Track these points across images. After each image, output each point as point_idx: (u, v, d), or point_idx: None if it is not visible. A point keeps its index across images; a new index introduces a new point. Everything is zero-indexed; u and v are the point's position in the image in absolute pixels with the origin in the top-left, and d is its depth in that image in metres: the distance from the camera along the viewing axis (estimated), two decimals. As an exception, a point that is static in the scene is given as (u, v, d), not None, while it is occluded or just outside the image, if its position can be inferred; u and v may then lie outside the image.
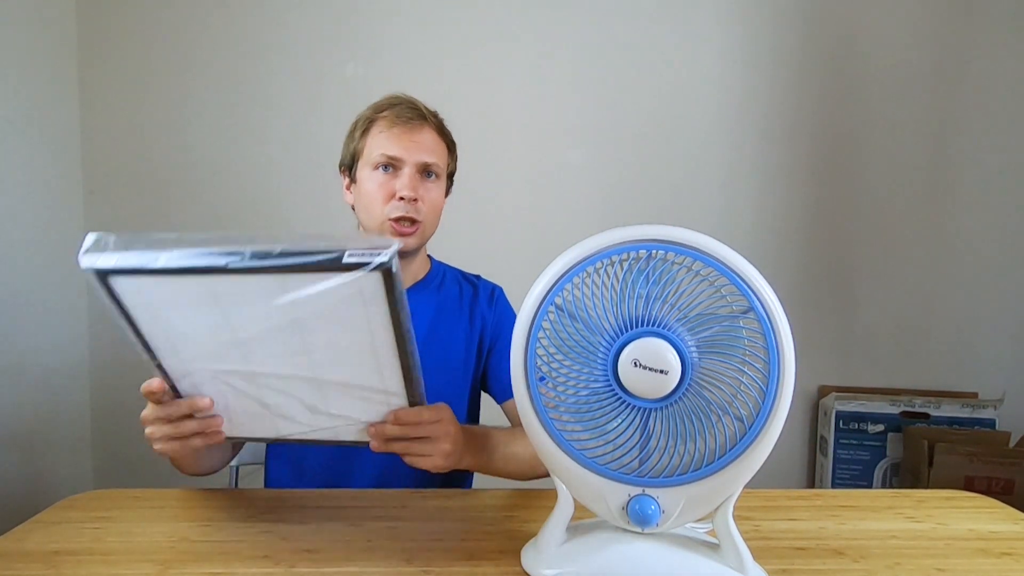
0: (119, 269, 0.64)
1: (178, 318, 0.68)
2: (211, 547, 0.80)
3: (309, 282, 0.62)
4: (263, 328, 0.67)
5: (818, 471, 2.08)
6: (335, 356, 0.70)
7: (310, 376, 0.72)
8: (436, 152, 1.03)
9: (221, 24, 1.94)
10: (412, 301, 1.07)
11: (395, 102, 1.04)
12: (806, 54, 2.04)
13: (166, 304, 0.66)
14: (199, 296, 0.65)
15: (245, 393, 0.74)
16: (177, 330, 0.69)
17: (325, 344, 0.69)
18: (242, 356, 0.70)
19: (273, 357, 0.70)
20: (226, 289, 0.64)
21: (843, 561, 0.79)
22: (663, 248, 0.66)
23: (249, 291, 0.64)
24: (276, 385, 0.73)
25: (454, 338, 1.10)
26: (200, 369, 0.73)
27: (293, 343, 0.69)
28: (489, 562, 0.77)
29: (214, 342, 0.69)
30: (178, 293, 0.65)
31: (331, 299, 0.63)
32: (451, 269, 1.16)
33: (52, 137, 1.86)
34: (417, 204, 1.00)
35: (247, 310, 0.66)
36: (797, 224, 2.07)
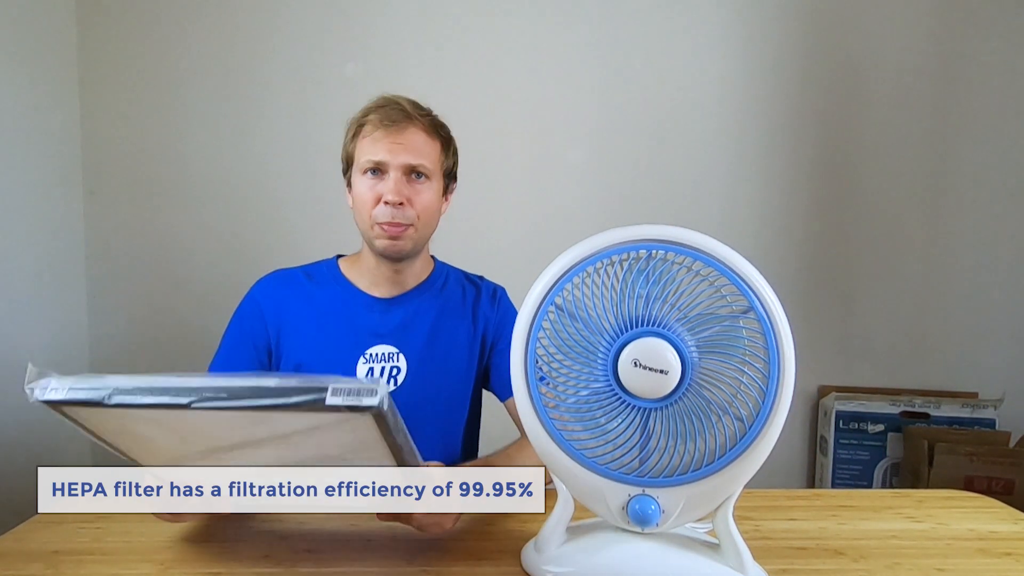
0: (73, 401, 0.59)
1: (146, 434, 0.64)
2: (211, 547, 0.80)
3: (288, 418, 0.56)
4: (247, 440, 0.64)
5: (818, 471, 2.08)
6: (327, 462, 0.69)
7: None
8: (424, 152, 1.01)
9: (221, 24, 1.94)
10: (415, 303, 1.08)
11: (381, 104, 1.02)
12: (806, 54, 2.03)
13: (132, 426, 0.63)
14: (168, 421, 0.60)
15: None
16: (149, 441, 0.66)
17: (313, 456, 0.67)
18: (227, 460, 0.69)
19: (261, 458, 0.69)
20: (196, 418, 0.58)
21: (843, 561, 0.79)
22: (663, 248, 0.66)
23: (220, 421, 0.59)
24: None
25: (457, 340, 1.09)
26: (181, 468, 0.71)
27: (278, 449, 0.66)
28: (489, 562, 0.77)
29: (190, 451, 0.67)
30: (141, 419, 0.60)
31: (315, 429, 0.59)
32: (454, 270, 1.16)
33: (52, 137, 1.86)
34: (404, 208, 0.99)
35: (221, 432, 0.63)
36: (797, 224, 2.07)
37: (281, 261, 1.17)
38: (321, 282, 1.08)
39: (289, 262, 1.14)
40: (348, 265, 1.10)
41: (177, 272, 1.95)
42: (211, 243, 1.96)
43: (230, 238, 1.96)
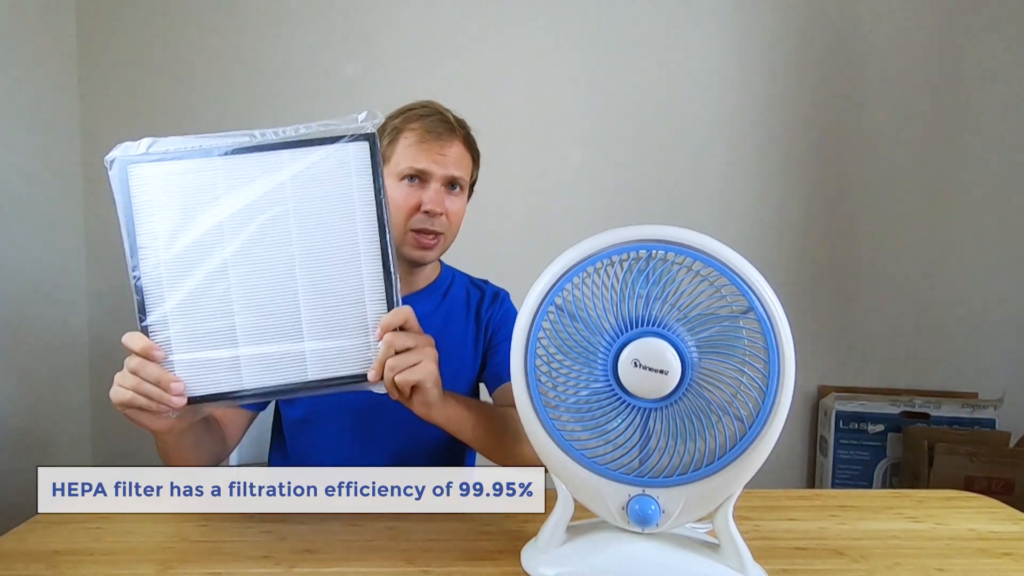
0: (143, 159, 0.74)
1: (176, 211, 0.74)
2: (211, 547, 0.80)
3: (302, 154, 0.73)
4: (250, 212, 0.73)
5: (818, 471, 2.08)
6: (316, 245, 0.74)
7: (287, 282, 0.74)
8: (462, 165, 1.03)
9: (221, 23, 1.94)
10: (421, 305, 1.06)
11: (426, 113, 1.03)
12: (806, 54, 2.04)
13: (171, 193, 0.74)
14: (201, 181, 0.73)
15: (217, 321, 0.74)
16: (169, 227, 0.74)
17: (307, 230, 0.74)
18: (222, 253, 0.74)
19: (256, 252, 0.74)
20: (227, 170, 0.73)
21: (843, 561, 0.79)
22: (663, 248, 0.66)
23: (247, 170, 0.73)
24: (252, 298, 0.74)
25: (461, 343, 1.09)
26: (178, 285, 0.74)
27: (275, 233, 0.74)
28: (489, 562, 0.77)
29: (203, 236, 0.74)
30: (185, 178, 0.73)
31: (320, 167, 0.73)
32: (460, 274, 1.16)
33: (52, 137, 1.86)
34: (441, 218, 1.00)
35: (241, 192, 0.73)
36: (797, 224, 2.07)
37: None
38: None
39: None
40: None
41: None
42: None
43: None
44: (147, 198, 0.74)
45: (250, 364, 0.75)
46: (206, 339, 0.74)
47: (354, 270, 0.75)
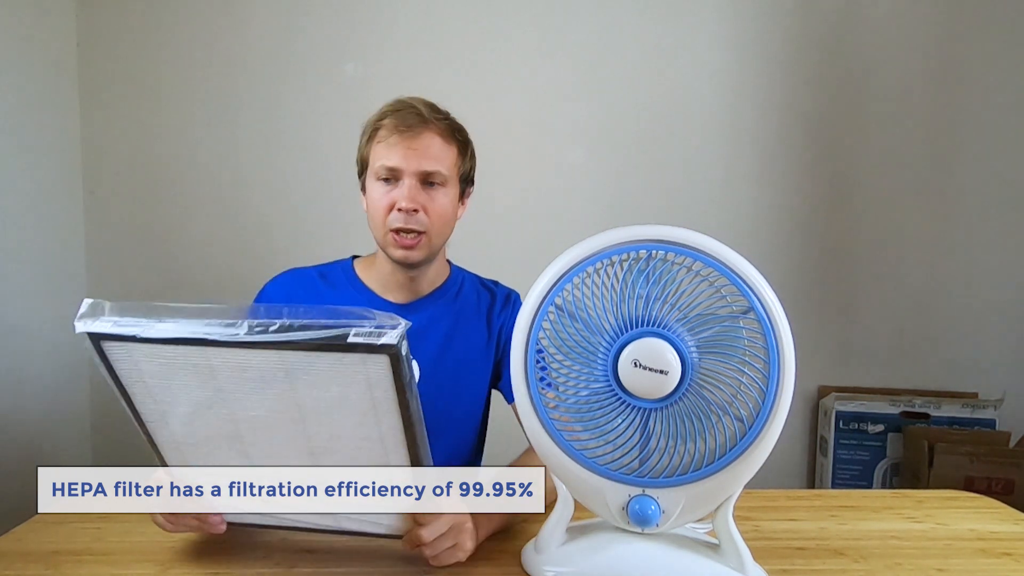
0: (113, 335, 0.61)
1: (172, 393, 0.65)
2: (211, 547, 0.80)
3: (310, 360, 0.60)
4: (261, 410, 0.65)
5: (818, 471, 2.08)
6: (336, 446, 0.68)
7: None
8: (440, 158, 0.99)
9: (221, 24, 1.94)
10: (430, 309, 1.07)
11: (397, 107, 1.00)
12: (806, 54, 2.03)
13: (160, 376, 0.64)
14: (195, 369, 0.62)
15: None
16: (170, 406, 0.67)
17: (327, 434, 0.67)
18: (238, 443, 0.68)
19: (270, 446, 0.68)
20: (223, 363, 0.61)
21: (843, 561, 0.79)
22: (663, 248, 0.66)
23: (247, 366, 0.61)
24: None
25: (471, 346, 1.08)
26: (192, 449, 0.71)
27: (292, 430, 0.66)
28: (489, 562, 0.77)
29: (208, 422, 0.67)
30: (173, 365, 0.62)
31: (333, 380, 0.61)
32: (469, 275, 1.14)
33: (52, 137, 1.86)
34: (418, 215, 0.97)
35: (244, 388, 0.63)
36: (797, 224, 2.07)
37: (282, 260, 1.16)
38: (335, 284, 1.06)
39: (291, 262, 1.14)
40: (363, 268, 1.08)
41: (177, 272, 1.95)
42: (211, 243, 1.96)
43: (230, 238, 1.96)
44: (136, 374, 0.65)
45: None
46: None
47: (378, 459, 0.69)
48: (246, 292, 1.09)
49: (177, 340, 0.59)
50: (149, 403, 0.67)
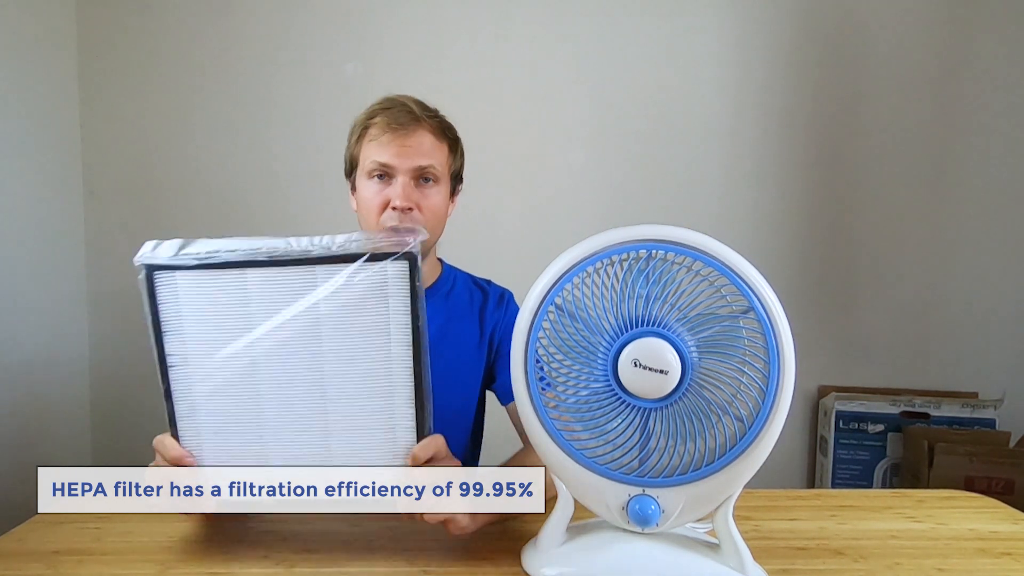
0: (170, 265, 0.69)
1: (203, 327, 0.70)
2: (211, 547, 0.80)
3: (338, 270, 0.67)
4: (282, 332, 0.69)
5: (818, 471, 2.08)
6: (348, 369, 0.70)
7: (318, 404, 0.71)
8: (432, 155, 0.99)
9: (221, 23, 1.94)
10: None
11: (388, 105, 1.00)
12: (806, 53, 2.03)
13: (197, 307, 0.70)
14: (231, 293, 0.69)
15: (249, 443, 0.73)
16: (196, 346, 0.71)
17: (341, 354, 0.70)
18: (253, 371, 0.70)
19: (289, 374, 0.70)
20: (258, 284, 0.69)
21: (843, 561, 0.79)
22: (663, 248, 0.66)
23: (280, 285, 0.68)
24: (284, 421, 0.72)
25: (464, 346, 1.08)
26: (204, 400, 0.72)
27: (307, 353, 0.70)
28: (489, 562, 0.77)
29: (228, 366, 0.70)
30: (212, 293, 0.69)
31: (355, 288, 0.67)
32: (462, 274, 1.14)
33: (52, 137, 1.86)
34: (412, 213, 0.97)
35: (273, 307, 0.69)
36: (797, 224, 2.07)
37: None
38: None
39: (289, 262, 1.13)
40: None
41: (177, 272, 1.95)
42: (211, 243, 1.95)
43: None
44: (175, 309, 0.70)
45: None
46: (238, 458, 0.74)
47: (386, 395, 0.71)
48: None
49: (226, 264, 0.68)
50: (177, 344, 0.71)
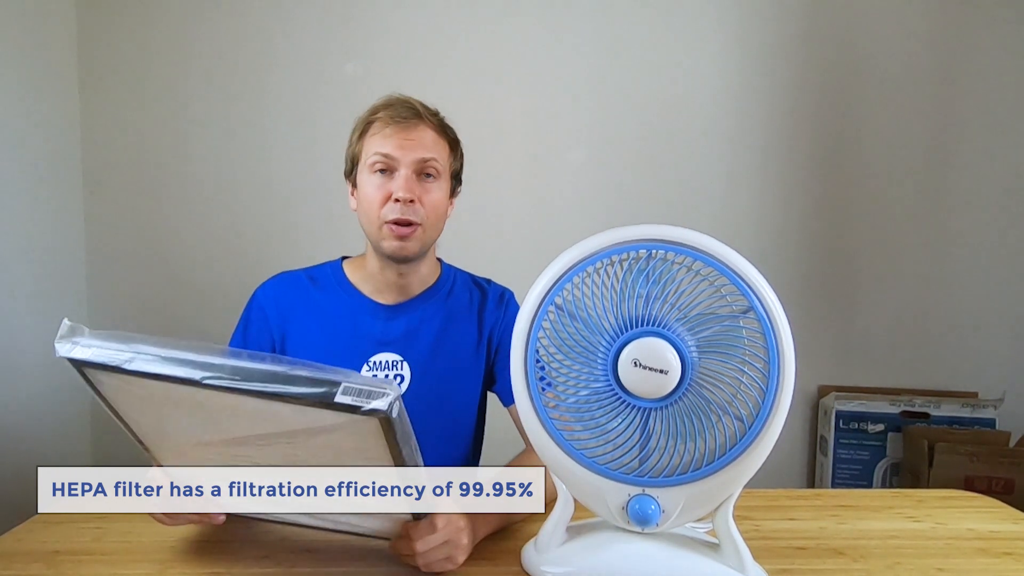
0: (93, 363, 0.58)
1: (161, 415, 0.65)
2: (211, 547, 0.80)
3: (295, 412, 0.56)
4: (252, 434, 0.65)
5: (818, 471, 2.08)
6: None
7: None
8: (434, 149, 0.99)
9: (221, 23, 1.94)
10: (420, 309, 1.06)
11: (390, 102, 1.01)
12: (806, 53, 2.03)
13: (146, 401, 0.63)
14: (181, 398, 0.60)
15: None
16: (160, 425, 0.67)
17: (319, 458, 0.67)
18: (232, 456, 0.68)
19: (265, 457, 0.68)
20: (208, 399, 0.59)
21: (843, 561, 0.79)
22: (663, 248, 0.66)
23: (236, 407, 0.59)
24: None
25: (463, 346, 1.07)
26: (189, 459, 0.72)
27: (286, 450, 0.66)
28: (489, 562, 0.77)
29: (200, 438, 0.67)
30: (157, 392, 0.60)
31: (320, 431, 0.59)
32: (461, 274, 1.14)
33: (52, 137, 1.86)
34: (415, 205, 0.97)
35: (233, 420, 0.62)
36: (797, 224, 2.07)
37: (281, 260, 1.16)
38: (325, 287, 1.06)
39: (290, 262, 1.13)
40: (353, 269, 1.07)
41: (177, 272, 1.95)
42: (211, 242, 1.95)
43: (231, 237, 1.95)
44: (122, 400, 0.65)
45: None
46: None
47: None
48: (244, 291, 1.09)
49: (156, 376, 0.57)
50: (141, 422, 0.68)
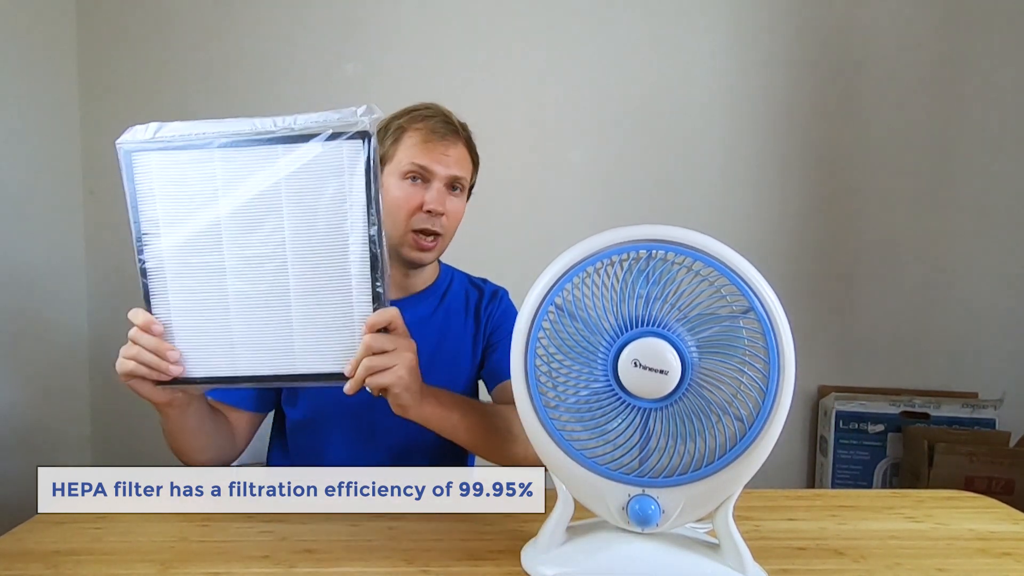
0: (144, 147, 0.79)
1: (174, 201, 0.76)
2: (211, 547, 0.80)
3: (297, 149, 0.72)
4: (246, 211, 0.74)
5: (818, 471, 2.08)
6: (309, 246, 0.74)
7: (280, 282, 0.75)
8: (464, 167, 1.04)
9: (221, 23, 1.94)
10: (420, 307, 1.08)
11: (431, 114, 1.03)
12: (805, 53, 2.03)
13: (169, 183, 0.76)
14: (199, 172, 0.75)
15: (214, 311, 0.77)
16: (169, 216, 0.77)
17: (301, 229, 0.74)
18: (219, 249, 0.76)
19: (252, 247, 0.75)
20: (224, 163, 0.74)
21: (843, 561, 0.79)
22: (663, 248, 0.66)
23: (244, 165, 0.74)
24: (247, 292, 0.76)
25: (461, 344, 1.09)
26: (179, 274, 0.78)
27: (270, 232, 0.74)
28: (489, 562, 0.77)
29: (201, 229, 0.76)
30: (184, 169, 0.76)
31: (315, 166, 0.72)
32: (459, 274, 1.16)
33: (52, 137, 1.86)
34: (442, 218, 1.00)
35: (236, 186, 0.74)
36: (797, 224, 2.07)
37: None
38: None
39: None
40: None
41: (177, 272, 1.95)
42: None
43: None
44: (149, 186, 0.77)
45: (244, 352, 0.77)
46: (204, 326, 0.77)
47: (342, 268, 0.74)
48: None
49: (195, 146, 0.76)
50: (150, 222, 0.79)
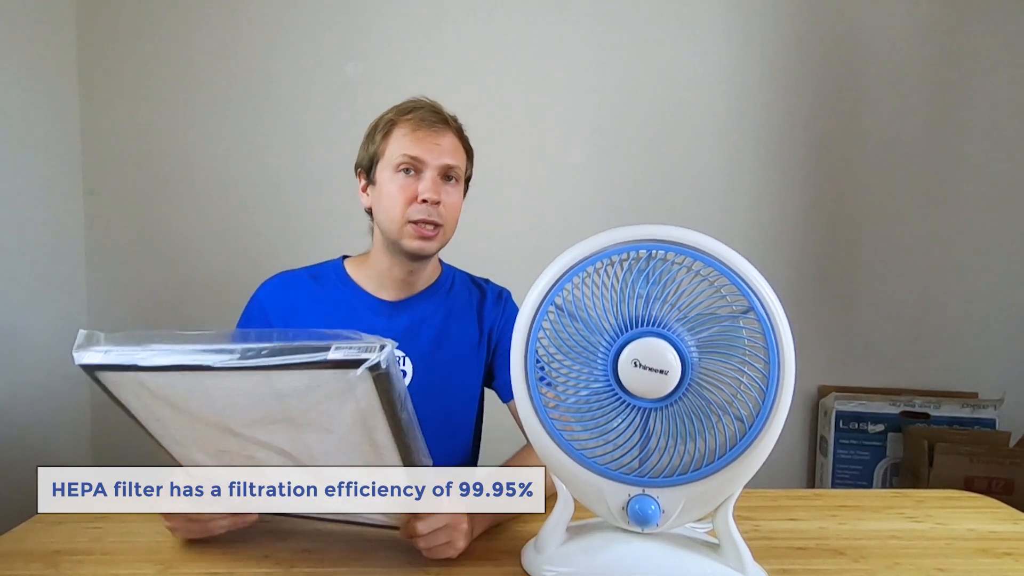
0: (107, 365, 0.63)
1: (171, 411, 0.67)
2: (211, 547, 0.80)
3: (296, 379, 0.60)
4: (256, 421, 0.66)
5: (818, 471, 2.08)
6: (329, 451, 0.68)
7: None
8: (457, 155, 1.03)
9: (221, 23, 1.94)
10: (422, 307, 1.08)
11: (418, 106, 1.04)
12: (806, 53, 2.03)
13: (157, 398, 0.66)
14: (189, 392, 0.65)
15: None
16: (172, 421, 0.69)
17: (322, 444, 0.68)
18: (240, 448, 0.69)
19: (271, 453, 0.69)
20: (215, 384, 0.63)
21: (843, 561, 0.79)
22: (663, 248, 0.66)
23: (239, 388, 0.63)
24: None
25: (463, 343, 1.09)
26: (203, 457, 0.73)
27: (288, 438, 0.67)
28: (489, 562, 0.77)
29: (210, 435, 0.69)
30: (167, 389, 0.65)
31: (317, 395, 0.61)
32: (460, 273, 1.16)
33: (52, 137, 1.86)
34: (438, 207, 1.00)
35: (239, 405, 0.65)
36: (797, 224, 2.07)
37: (281, 260, 1.16)
38: (327, 284, 1.07)
39: (290, 262, 1.14)
40: (355, 267, 1.09)
41: (177, 272, 1.95)
42: (211, 243, 1.96)
43: (230, 238, 1.96)
44: (133, 400, 0.68)
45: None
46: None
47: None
48: (245, 291, 1.09)
49: (168, 367, 0.61)
50: (153, 422, 0.70)
